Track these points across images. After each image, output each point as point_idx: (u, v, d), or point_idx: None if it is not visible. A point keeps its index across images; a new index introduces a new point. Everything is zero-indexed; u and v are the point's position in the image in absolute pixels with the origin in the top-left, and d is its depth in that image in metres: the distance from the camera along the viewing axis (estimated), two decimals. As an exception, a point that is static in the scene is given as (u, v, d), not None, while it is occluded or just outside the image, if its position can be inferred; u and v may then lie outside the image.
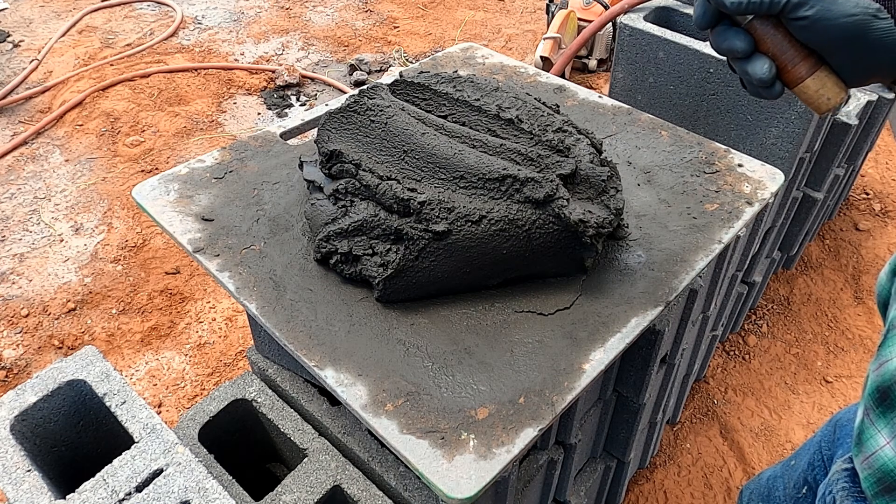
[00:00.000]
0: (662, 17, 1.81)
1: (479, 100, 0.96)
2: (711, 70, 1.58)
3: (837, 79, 0.63)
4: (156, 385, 1.89)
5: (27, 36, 3.50)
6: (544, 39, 3.04)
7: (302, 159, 0.99)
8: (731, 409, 1.90)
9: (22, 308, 2.08)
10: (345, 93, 2.24)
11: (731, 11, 0.62)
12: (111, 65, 3.20)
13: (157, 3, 3.85)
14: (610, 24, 3.09)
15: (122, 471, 0.76)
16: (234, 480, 0.96)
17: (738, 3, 0.62)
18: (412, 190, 0.84)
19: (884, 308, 0.71)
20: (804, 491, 0.95)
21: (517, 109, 0.95)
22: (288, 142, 1.15)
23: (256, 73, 3.24)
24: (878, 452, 0.61)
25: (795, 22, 0.61)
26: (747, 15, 0.63)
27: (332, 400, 1.05)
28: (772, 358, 2.05)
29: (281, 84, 3.15)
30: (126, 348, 1.99)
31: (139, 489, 0.75)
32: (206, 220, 0.97)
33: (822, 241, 2.42)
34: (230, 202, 1.01)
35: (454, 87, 0.99)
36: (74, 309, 2.09)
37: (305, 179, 0.96)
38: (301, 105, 3.09)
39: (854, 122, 1.80)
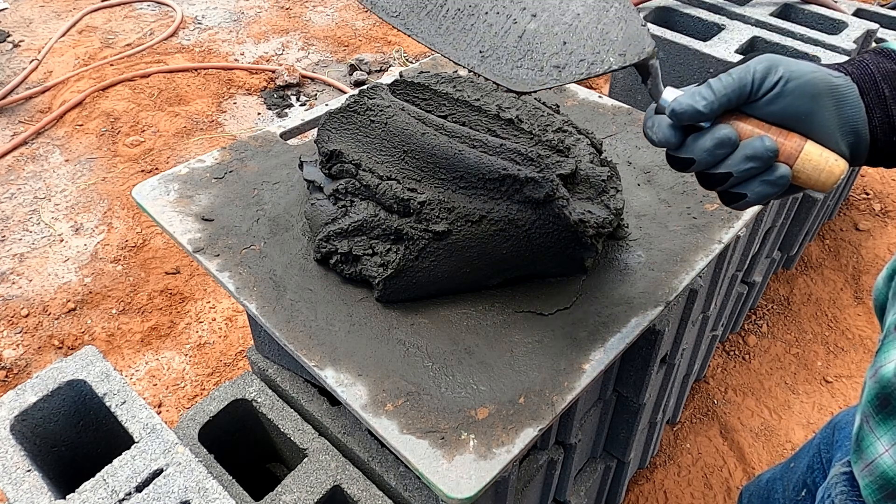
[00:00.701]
0: (662, 17, 1.81)
1: (479, 100, 0.96)
2: (711, 70, 1.58)
3: (829, 152, 0.57)
4: (156, 385, 1.89)
5: (27, 36, 3.50)
6: (544, 39, 3.04)
7: (302, 159, 0.99)
8: (731, 409, 1.90)
9: (22, 308, 2.08)
10: (345, 93, 2.24)
11: (706, 117, 0.57)
12: (111, 65, 3.20)
13: (157, 3, 3.85)
14: (610, 24, 3.08)
15: (122, 471, 0.76)
16: (234, 480, 0.96)
17: (710, 103, 0.56)
18: (412, 190, 0.84)
19: (881, 312, 0.71)
20: (803, 493, 0.95)
21: (517, 109, 0.95)
22: (288, 142, 1.15)
23: (256, 73, 3.24)
24: (878, 460, 0.61)
25: (768, 94, 0.56)
26: (712, 118, 0.58)
27: (332, 400, 1.05)
28: (772, 358, 2.05)
29: (281, 84, 3.15)
30: (126, 348, 1.99)
31: (139, 489, 0.75)
32: (206, 220, 0.97)
33: (822, 241, 2.42)
34: (230, 202, 1.01)
35: (454, 87, 0.99)
36: (74, 309, 2.09)
37: (305, 179, 0.96)
38: (301, 105, 3.09)
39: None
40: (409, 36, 0.73)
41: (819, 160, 0.56)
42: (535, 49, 0.67)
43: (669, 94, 0.60)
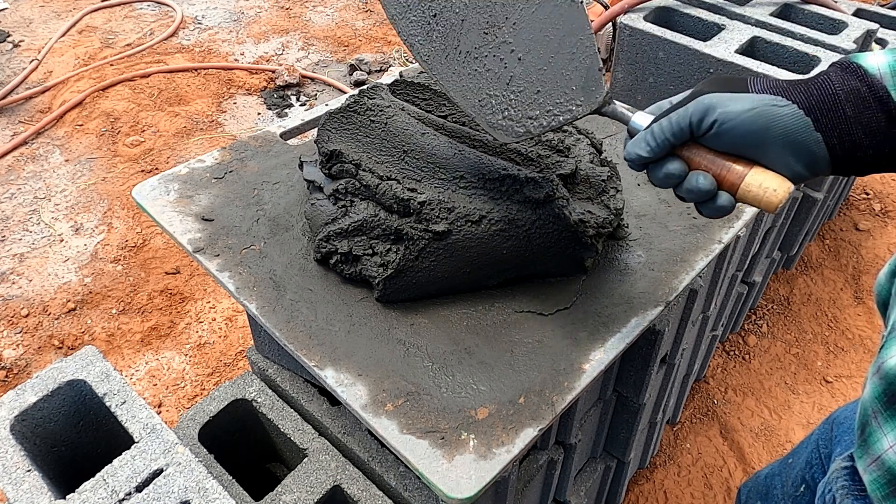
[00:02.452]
0: (662, 17, 1.81)
1: (479, 100, 0.96)
2: (711, 70, 1.58)
3: (776, 174, 0.62)
4: (156, 385, 1.89)
5: (27, 36, 3.50)
6: (544, 39, 3.04)
7: (302, 159, 0.99)
8: (731, 409, 1.90)
9: (22, 308, 2.08)
10: (345, 93, 2.24)
11: (653, 160, 0.66)
12: (111, 65, 3.20)
13: (157, 3, 3.85)
14: (610, 24, 3.09)
15: (122, 471, 0.76)
16: (234, 480, 0.96)
17: (654, 148, 0.65)
18: (412, 190, 0.84)
19: (883, 308, 0.71)
20: (802, 489, 0.95)
21: (517, 109, 0.95)
22: (288, 142, 1.15)
23: (256, 73, 3.24)
24: (884, 455, 0.62)
25: (707, 134, 0.62)
26: (659, 159, 0.66)
27: (332, 400, 1.05)
28: (772, 358, 2.05)
29: (281, 84, 3.15)
30: (126, 348, 1.99)
31: (139, 489, 0.75)
32: (206, 220, 0.97)
33: (822, 241, 2.42)
34: (230, 202, 1.01)
35: (454, 87, 0.99)
36: (74, 309, 2.09)
37: (305, 179, 0.96)
38: (301, 105, 3.09)
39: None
40: (434, 79, 0.85)
41: (758, 191, 0.62)
42: (517, 98, 0.77)
43: (638, 119, 0.69)
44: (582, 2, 0.75)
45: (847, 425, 0.87)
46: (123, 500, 0.74)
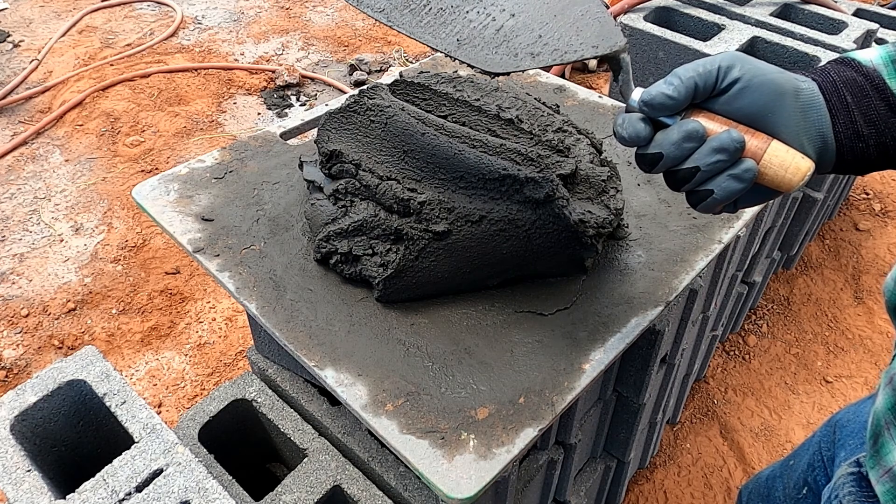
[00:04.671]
0: (662, 17, 1.81)
1: (479, 100, 0.96)
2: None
3: (796, 150, 0.58)
4: (156, 385, 1.89)
5: (27, 36, 3.50)
6: (544, 39, 3.04)
7: (302, 159, 0.99)
8: (731, 409, 1.90)
9: (22, 308, 2.08)
10: (345, 93, 2.24)
11: (676, 102, 0.57)
12: (111, 65, 3.20)
13: (157, 3, 3.85)
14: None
15: (122, 471, 0.76)
16: (234, 480, 0.96)
17: (677, 87, 0.57)
18: (412, 190, 0.84)
19: (894, 314, 0.70)
20: (804, 492, 0.95)
21: (517, 109, 0.95)
22: (288, 142, 1.15)
23: (256, 73, 3.24)
24: None
25: (728, 91, 0.57)
26: (681, 103, 0.58)
27: (332, 400, 1.05)
28: (772, 358, 2.05)
29: (281, 84, 3.15)
30: (126, 348, 1.99)
31: (139, 489, 0.75)
32: (206, 220, 0.97)
33: (822, 241, 2.42)
34: (230, 202, 1.01)
35: (454, 87, 0.99)
36: (74, 309, 2.09)
37: (305, 179, 0.96)
38: (301, 105, 3.09)
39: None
40: (390, 28, 0.78)
41: (786, 157, 0.57)
42: (511, 40, 0.71)
43: (639, 94, 0.60)
44: None
45: (850, 428, 0.87)
46: (123, 500, 0.74)
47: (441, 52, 0.73)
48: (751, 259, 1.75)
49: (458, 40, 0.73)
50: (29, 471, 0.76)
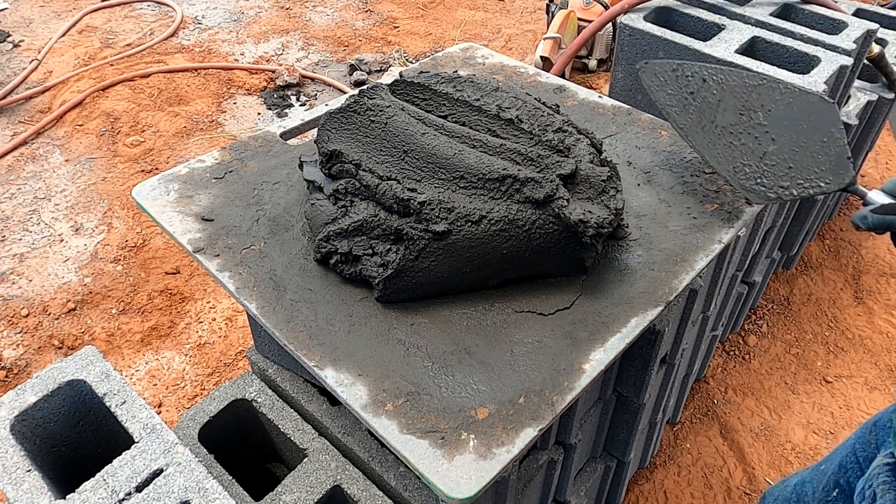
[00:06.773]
0: (662, 17, 1.81)
1: (479, 100, 0.96)
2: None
3: None
4: (156, 385, 1.89)
5: (27, 36, 3.50)
6: (544, 39, 3.04)
7: (302, 159, 0.99)
8: (731, 409, 1.90)
9: (22, 308, 2.08)
10: (345, 93, 2.24)
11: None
12: (111, 65, 3.20)
13: (157, 3, 3.85)
14: (610, 24, 3.09)
15: (122, 471, 0.76)
16: (234, 480, 0.96)
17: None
18: (412, 190, 0.84)
19: None
20: (835, 493, 0.95)
21: (517, 109, 0.95)
22: (288, 142, 1.15)
23: (256, 73, 3.24)
24: None
25: None
26: None
27: (332, 400, 1.05)
28: (772, 358, 2.05)
29: (281, 84, 3.15)
30: (126, 348, 1.99)
31: (139, 489, 0.75)
32: (206, 220, 0.97)
33: (822, 241, 2.42)
34: (230, 202, 1.01)
35: (454, 87, 0.99)
36: (74, 309, 2.09)
37: (305, 179, 0.96)
38: (301, 105, 3.09)
39: (854, 122, 1.81)
40: (688, 144, 1.04)
41: None
42: (770, 169, 0.94)
43: (874, 196, 0.85)
44: (835, 102, 0.96)
45: (890, 428, 0.87)
46: (123, 500, 0.74)
47: (722, 176, 0.99)
48: (751, 259, 1.75)
49: (734, 168, 0.97)
50: (29, 471, 0.76)
